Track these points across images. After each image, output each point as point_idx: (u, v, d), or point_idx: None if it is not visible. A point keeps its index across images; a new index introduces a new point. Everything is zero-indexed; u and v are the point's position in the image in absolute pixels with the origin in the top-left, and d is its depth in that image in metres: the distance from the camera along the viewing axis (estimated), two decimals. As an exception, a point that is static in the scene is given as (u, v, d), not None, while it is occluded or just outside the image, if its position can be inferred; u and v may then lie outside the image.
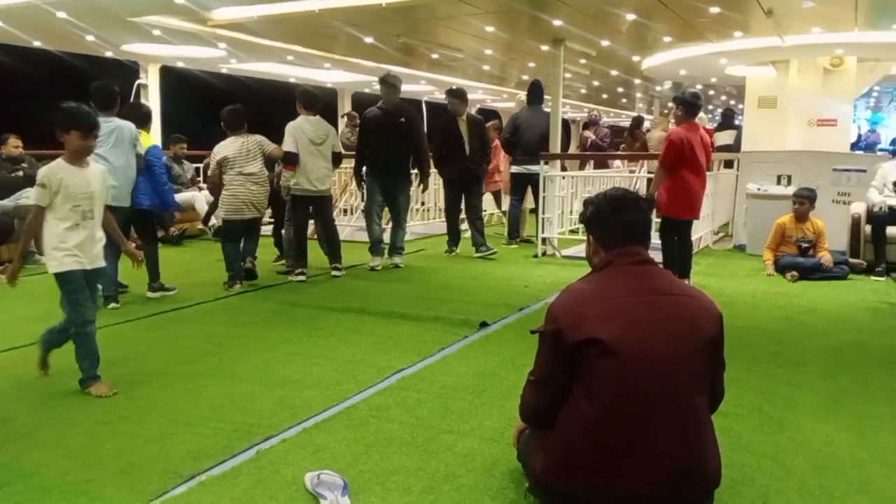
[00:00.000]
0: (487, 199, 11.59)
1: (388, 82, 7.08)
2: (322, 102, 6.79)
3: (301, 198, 6.53)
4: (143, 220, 5.83)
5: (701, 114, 7.51)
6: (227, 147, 6.20)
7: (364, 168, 7.18)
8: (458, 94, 7.88)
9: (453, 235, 8.26)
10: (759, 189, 8.16)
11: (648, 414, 2.10)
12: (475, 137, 7.93)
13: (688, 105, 5.94)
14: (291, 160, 6.30)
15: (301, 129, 6.40)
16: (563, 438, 2.21)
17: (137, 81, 10.58)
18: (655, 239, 7.51)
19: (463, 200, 8.18)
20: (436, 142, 8.00)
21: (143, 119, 5.96)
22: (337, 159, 6.69)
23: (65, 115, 3.51)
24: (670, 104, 19.38)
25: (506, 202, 9.80)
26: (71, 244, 3.50)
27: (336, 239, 6.87)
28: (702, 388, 2.20)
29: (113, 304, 5.44)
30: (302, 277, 6.50)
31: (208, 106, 9.19)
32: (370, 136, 7.05)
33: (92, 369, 3.62)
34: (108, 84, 5.60)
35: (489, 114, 17.93)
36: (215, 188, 6.68)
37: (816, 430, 3.14)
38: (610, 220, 2.34)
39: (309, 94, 6.64)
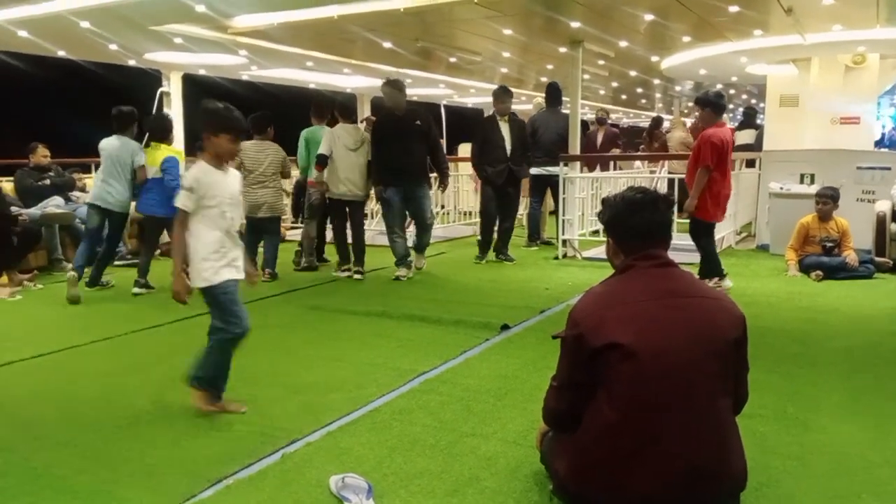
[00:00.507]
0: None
1: (397, 86, 6.82)
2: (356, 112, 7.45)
3: (337, 201, 6.93)
4: (153, 227, 6.45)
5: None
6: (248, 147, 6.78)
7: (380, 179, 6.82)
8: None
9: (487, 242, 7.94)
10: (781, 188, 8.09)
11: (661, 416, 2.10)
12: (516, 138, 7.77)
13: (714, 105, 5.89)
14: (322, 161, 6.81)
15: (337, 136, 6.82)
16: (583, 442, 2.21)
17: (160, 89, 10.72)
18: (678, 240, 7.49)
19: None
20: (476, 142, 7.81)
21: (163, 131, 6.42)
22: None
23: (217, 117, 3.28)
24: (690, 104, 19.29)
25: (523, 204, 9.76)
26: (223, 252, 3.28)
27: (362, 243, 7.03)
28: (724, 390, 2.19)
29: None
30: (347, 273, 6.97)
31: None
32: (385, 141, 6.75)
33: (221, 382, 3.43)
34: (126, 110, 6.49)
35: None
36: None
37: (840, 431, 3.11)
38: (628, 222, 2.32)
39: (346, 106, 7.23)
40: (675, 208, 8.57)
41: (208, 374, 3.38)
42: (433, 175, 7.62)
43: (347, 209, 6.98)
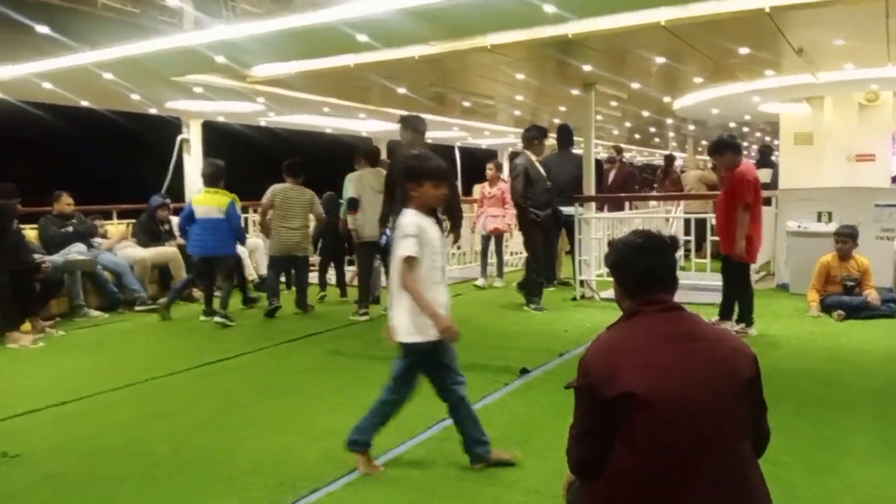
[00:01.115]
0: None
1: (419, 129, 6.50)
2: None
3: (364, 244, 7.07)
4: (219, 265, 7.18)
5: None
6: (279, 189, 7.44)
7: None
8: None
9: (539, 285, 7.56)
10: (799, 227, 8.06)
11: (688, 464, 2.07)
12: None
13: (733, 147, 5.92)
14: (353, 205, 7.07)
15: (364, 180, 7.13)
16: (607, 491, 2.19)
17: (180, 137, 10.92)
18: (698, 280, 7.48)
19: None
20: (519, 182, 7.45)
21: (219, 177, 7.17)
22: None
23: (417, 167, 3.24)
24: (703, 142, 19.35)
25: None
26: (436, 306, 3.13)
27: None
28: (744, 432, 2.17)
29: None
30: (367, 317, 7.02)
31: (248, 158, 9.49)
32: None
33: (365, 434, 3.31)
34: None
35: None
36: (265, 222, 7.68)
37: (868, 475, 3.06)
38: (632, 267, 2.31)
39: (372, 152, 7.69)
40: (693, 248, 8.60)
41: (365, 436, 3.29)
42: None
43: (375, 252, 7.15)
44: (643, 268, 2.29)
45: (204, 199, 7.09)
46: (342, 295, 8.37)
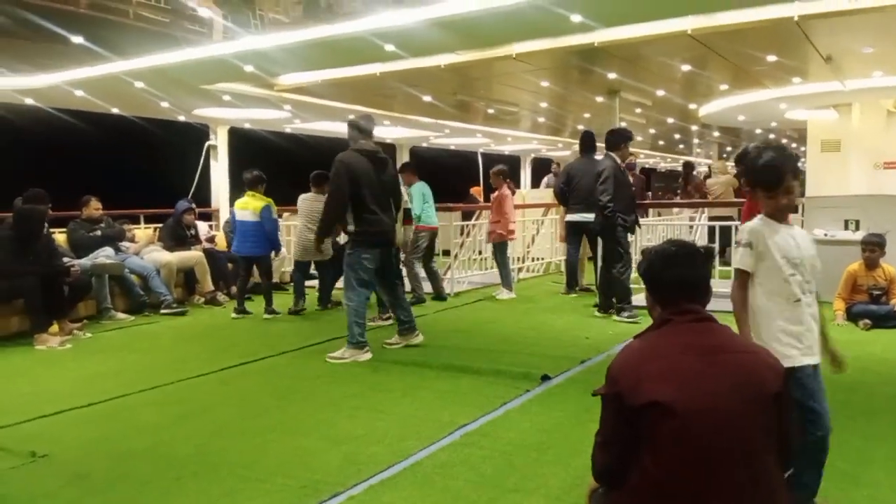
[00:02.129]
0: (546, 248, 11.60)
1: (361, 127, 5.97)
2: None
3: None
4: (250, 265, 7.87)
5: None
6: (305, 200, 7.92)
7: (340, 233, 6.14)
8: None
9: (628, 291, 7.25)
10: (825, 235, 7.97)
11: (712, 474, 2.07)
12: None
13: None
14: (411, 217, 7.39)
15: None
16: (631, 500, 2.19)
17: (207, 143, 11.08)
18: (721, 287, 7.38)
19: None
20: (609, 185, 7.09)
21: (260, 182, 7.74)
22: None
23: (755, 168, 2.77)
24: (729, 149, 19.17)
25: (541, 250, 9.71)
26: (793, 328, 2.71)
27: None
28: (769, 445, 2.16)
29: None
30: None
31: (273, 163, 9.59)
32: (363, 192, 5.69)
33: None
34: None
35: (542, 162, 18.09)
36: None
37: (893, 486, 3.02)
38: (663, 277, 2.31)
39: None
40: (717, 254, 8.51)
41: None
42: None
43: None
44: (674, 277, 2.29)
45: (243, 204, 7.72)
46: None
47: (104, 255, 7.74)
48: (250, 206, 7.63)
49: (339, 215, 5.75)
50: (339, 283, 7.65)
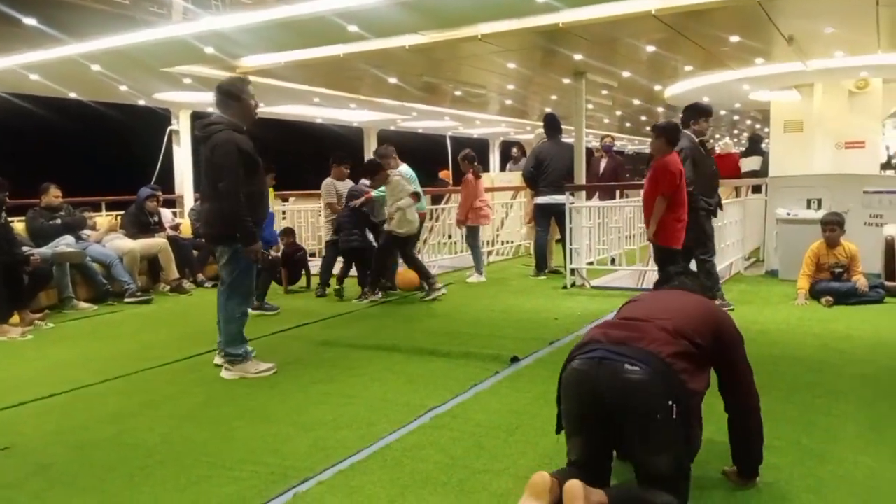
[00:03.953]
0: (515, 231, 11.63)
1: (234, 95, 4.81)
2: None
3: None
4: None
5: (727, 139, 7.35)
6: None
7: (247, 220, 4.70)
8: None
9: (716, 279, 6.75)
10: (788, 214, 8.10)
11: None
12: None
13: (674, 135, 5.91)
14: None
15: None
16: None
17: (169, 128, 10.87)
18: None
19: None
20: (689, 168, 6.27)
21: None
22: None
23: None
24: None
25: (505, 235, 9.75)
26: None
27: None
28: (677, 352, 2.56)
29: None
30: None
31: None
32: (254, 175, 4.78)
33: None
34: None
35: (510, 145, 18.10)
36: None
37: (858, 463, 3.07)
38: None
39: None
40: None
41: None
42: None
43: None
44: None
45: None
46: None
47: (65, 243, 7.58)
48: None
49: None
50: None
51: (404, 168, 7.67)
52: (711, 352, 2.67)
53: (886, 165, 16.11)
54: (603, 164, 11.06)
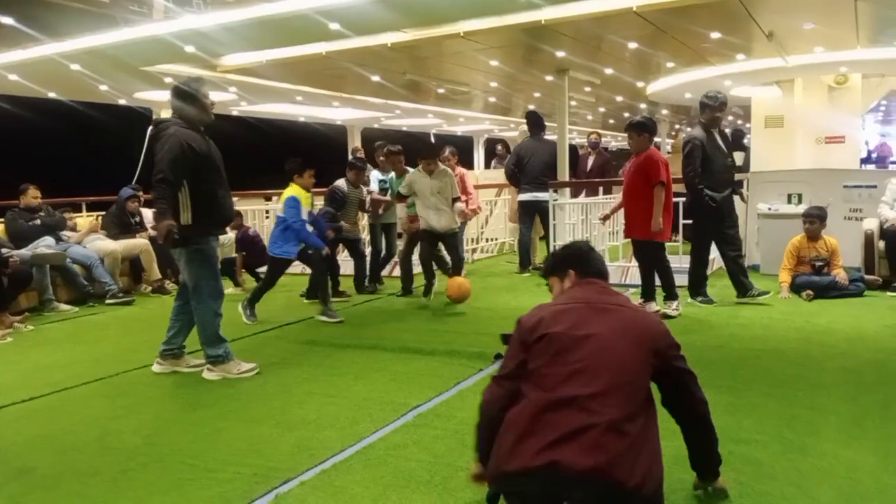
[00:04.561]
0: (500, 228, 11.63)
1: (191, 96, 4.83)
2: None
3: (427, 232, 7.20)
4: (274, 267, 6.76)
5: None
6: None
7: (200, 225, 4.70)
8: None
9: (704, 278, 6.68)
10: (770, 209, 8.15)
11: (587, 384, 2.30)
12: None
13: (651, 130, 6.04)
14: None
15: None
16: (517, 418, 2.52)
17: (150, 127, 10.76)
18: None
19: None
20: (695, 160, 6.30)
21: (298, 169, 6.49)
22: None
23: None
24: (677, 126, 19.39)
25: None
26: None
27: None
28: (642, 380, 2.38)
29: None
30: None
31: (221, 147, 9.38)
32: (210, 174, 4.78)
33: None
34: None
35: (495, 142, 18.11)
36: None
37: (840, 456, 3.10)
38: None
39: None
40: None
41: None
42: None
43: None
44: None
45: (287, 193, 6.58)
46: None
47: (45, 244, 7.50)
48: (282, 198, 6.57)
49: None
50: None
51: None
52: (654, 372, 2.45)
53: (866, 160, 16.29)
54: (590, 161, 11.08)
